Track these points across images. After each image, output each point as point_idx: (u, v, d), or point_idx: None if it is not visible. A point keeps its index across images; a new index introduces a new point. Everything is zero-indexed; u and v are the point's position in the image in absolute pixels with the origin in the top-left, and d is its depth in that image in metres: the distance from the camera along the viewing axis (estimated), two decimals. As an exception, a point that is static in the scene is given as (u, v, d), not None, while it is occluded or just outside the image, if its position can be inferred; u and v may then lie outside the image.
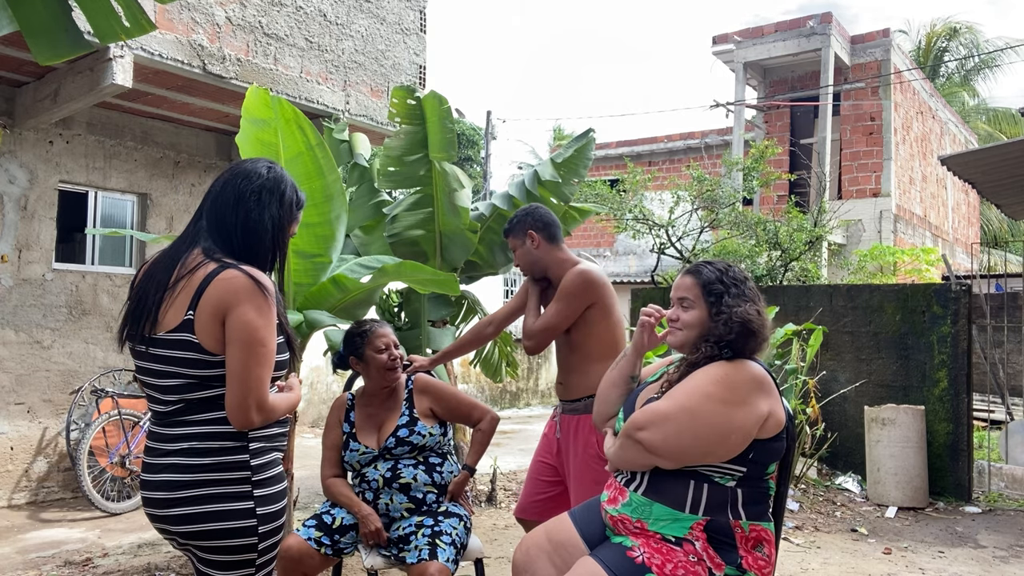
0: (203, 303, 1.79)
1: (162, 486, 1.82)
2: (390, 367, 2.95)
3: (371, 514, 2.83)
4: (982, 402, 8.55)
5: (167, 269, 1.87)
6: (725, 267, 2.20)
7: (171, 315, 1.82)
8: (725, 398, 1.96)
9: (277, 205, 1.93)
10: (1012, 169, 7.01)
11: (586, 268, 2.98)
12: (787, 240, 9.75)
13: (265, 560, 1.90)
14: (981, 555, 4.69)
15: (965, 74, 23.94)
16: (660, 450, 1.97)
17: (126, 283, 6.41)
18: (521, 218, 3.11)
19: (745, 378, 2.01)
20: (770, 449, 2.03)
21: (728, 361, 2.04)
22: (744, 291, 2.13)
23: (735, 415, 1.95)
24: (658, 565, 1.93)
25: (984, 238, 21.19)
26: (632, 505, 2.06)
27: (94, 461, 5.60)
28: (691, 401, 1.97)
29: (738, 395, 1.97)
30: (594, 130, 4.98)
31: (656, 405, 2.02)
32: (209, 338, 1.79)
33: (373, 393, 3.03)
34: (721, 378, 2.00)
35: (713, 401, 1.96)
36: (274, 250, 1.95)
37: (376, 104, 6.55)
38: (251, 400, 1.78)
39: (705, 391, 1.98)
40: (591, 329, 2.96)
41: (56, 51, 2.01)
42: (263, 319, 1.80)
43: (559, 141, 22.90)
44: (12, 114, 5.76)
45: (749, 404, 1.97)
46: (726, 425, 1.95)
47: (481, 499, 5.79)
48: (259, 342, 1.78)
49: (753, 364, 2.06)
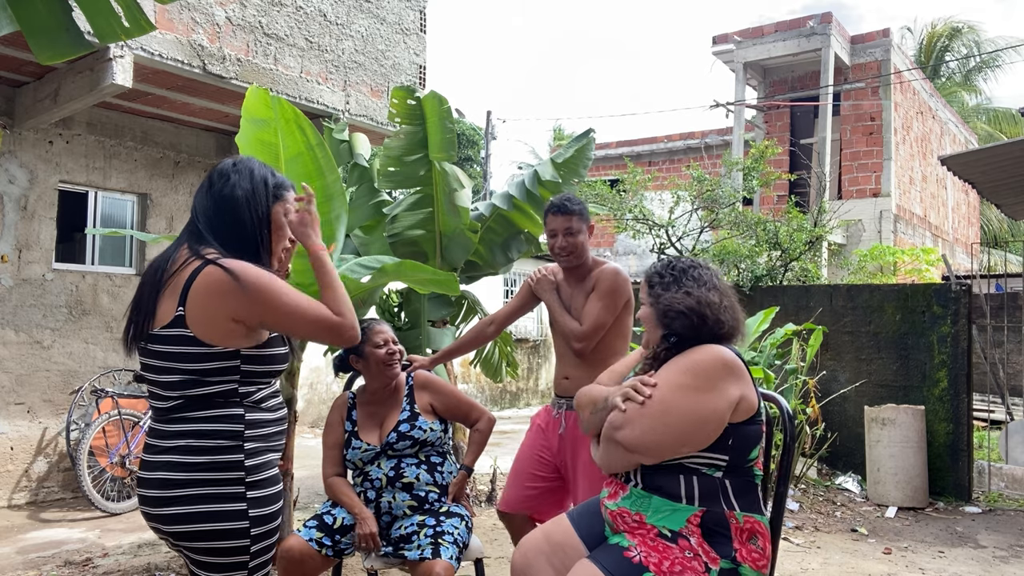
0: (191, 298, 1.80)
1: (156, 484, 1.82)
2: (388, 361, 2.96)
3: (369, 518, 2.82)
4: (982, 402, 8.56)
5: (159, 268, 1.90)
6: (672, 262, 2.24)
7: (164, 311, 1.84)
8: (696, 386, 1.98)
9: (248, 180, 1.94)
10: (1012, 169, 7.01)
11: (619, 267, 3.12)
12: (787, 240, 9.74)
13: (259, 563, 1.89)
14: (981, 555, 4.69)
15: (966, 74, 23.94)
16: (638, 447, 1.99)
17: (126, 283, 6.41)
18: (584, 205, 3.13)
19: (713, 363, 2.01)
20: (747, 433, 2.04)
21: (692, 348, 2.06)
22: (682, 280, 2.15)
23: (707, 401, 1.97)
24: (655, 563, 1.93)
25: (984, 238, 21.19)
26: (632, 498, 2.07)
27: (94, 461, 5.60)
28: (660, 393, 1.99)
29: (708, 381, 1.98)
30: (594, 130, 4.98)
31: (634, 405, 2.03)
32: (205, 328, 1.80)
33: (374, 391, 3.04)
34: (688, 367, 2.01)
35: (684, 390, 1.97)
36: (257, 229, 1.94)
37: (376, 104, 6.55)
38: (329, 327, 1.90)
39: (675, 382, 2.00)
40: (615, 326, 3.04)
41: (56, 51, 2.01)
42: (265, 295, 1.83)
43: (559, 141, 22.91)
44: (12, 114, 5.76)
45: (719, 389, 1.98)
46: (699, 412, 1.96)
47: (481, 499, 5.79)
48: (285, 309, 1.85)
49: (720, 348, 2.06)
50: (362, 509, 2.85)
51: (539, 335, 13.65)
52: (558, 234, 3.08)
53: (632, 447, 1.99)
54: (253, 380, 1.88)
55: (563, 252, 3.08)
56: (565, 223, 3.07)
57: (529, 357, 13.43)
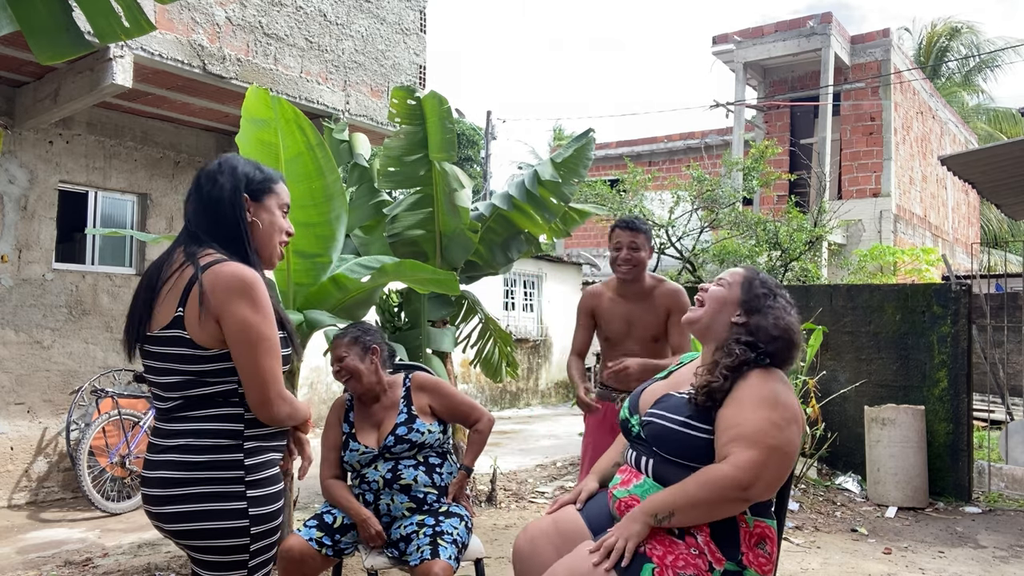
0: (191, 300, 1.81)
1: (158, 483, 1.82)
2: (337, 378, 2.98)
3: (370, 517, 2.82)
4: (982, 402, 8.55)
5: (157, 269, 1.91)
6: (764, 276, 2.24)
7: (163, 313, 1.85)
8: (788, 418, 1.97)
9: (230, 176, 1.94)
10: (1012, 169, 7.01)
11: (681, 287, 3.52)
12: (787, 240, 9.75)
13: (259, 562, 1.89)
14: (981, 555, 4.69)
15: (966, 74, 23.94)
16: (767, 494, 1.98)
17: (126, 283, 6.41)
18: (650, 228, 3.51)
19: (791, 394, 2.03)
20: None
21: (765, 372, 2.04)
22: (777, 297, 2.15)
23: (796, 433, 1.98)
24: (659, 556, 1.93)
25: (984, 238, 21.19)
26: (644, 487, 2.06)
27: (94, 461, 5.60)
28: (771, 438, 1.93)
29: (793, 412, 1.99)
30: (594, 130, 4.98)
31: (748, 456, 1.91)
32: (201, 333, 1.80)
33: None
34: (775, 400, 1.98)
35: (782, 428, 1.95)
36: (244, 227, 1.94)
37: (376, 104, 6.55)
38: (271, 393, 1.82)
39: (773, 420, 1.95)
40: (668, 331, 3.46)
41: (56, 51, 2.01)
42: (258, 314, 1.81)
43: (559, 141, 22.91)
44: (12, 114, 5.76)
45: (799, 418, 2.01)
46: (795, 444, 1.98)
47: (481, 499, 5.79)
48: (261, 337, 1.81)
49: (783, 375, 2.07)
50: (361, 510, 2.84)
51: (539, 335, 13.65)
52: (623, 247, 3.40)
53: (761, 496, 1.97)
54: None
55: (626, 264, 3.40)
56: (632, 238, 3.39)
57: (529, 357, 13.43)
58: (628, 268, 3.40)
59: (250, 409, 1.85)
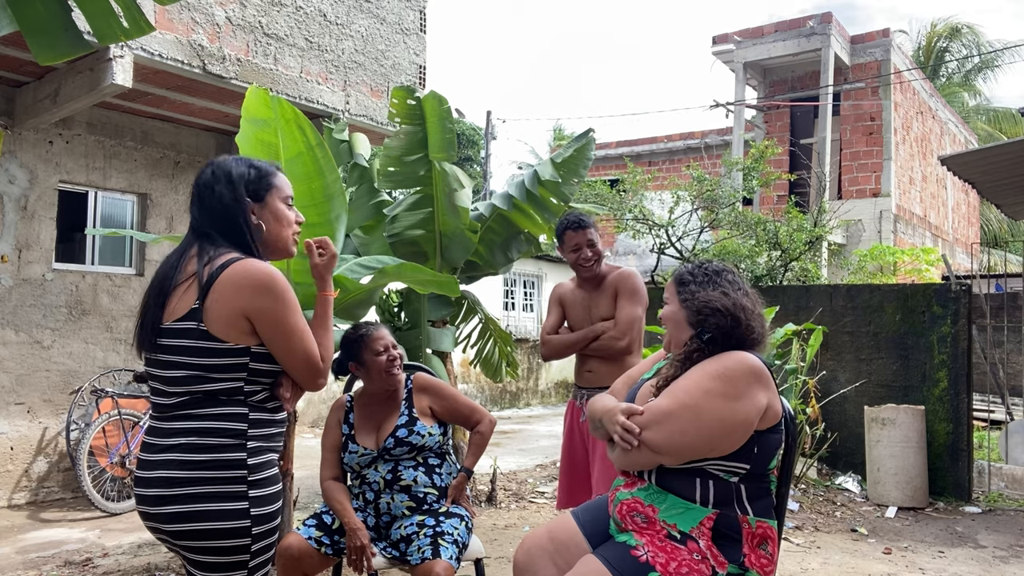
0: (213, 294, 1.82)
1: (157, 483, 1.81)
2: (389, 369, 2.94)
3: (359, 529, 2.75)
4: (982, 402, 8.55)
5: (171, 267, 1.92)
6: (704, 263, 2.26)
7: (179, 306, 1.85)
8: (726, 392, 1.96)
9: (227, 185, 1.95)
10: (1012, 169, 7.01)
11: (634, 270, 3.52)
12: (787, 240, 9.75)
13: (259, 562, 1.89)
14: (981, 555, 4.69)
15: (966, 74, 23.94)
16: (664, 448, 1.97)
17: (126, 283, 6.41)
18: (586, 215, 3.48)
19: (743, 370, 2.00)
20: (770, 441, 2.04)
21: (721, 355, 2.05)
22: (718, 281, 2.17)
23: (737, 408, 1.95)
24: (662, 564, 1.92)
25: (984, 238, 21.19)
26: (649, 491, 2.06)
27: (94, 461, 5.60)
28: (692, 398, 1.97)
29: (738, 388, 1.97)
30: (594, 130, 4.98)
31: (658, 404, 2.01)
32: (220, 325, 1.81)
33: (373, 394, 3.02)
34: (719, 372, 2.00)
35: (714, 396, 1.96)
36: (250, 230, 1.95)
37: (376, 104, 6.55)
38: (312, 367, 1.92)
39: (705, 387, 1.98)
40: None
41: (56, 51, 2.01)
42: (286, 306, 1.86)
43: (559, 141, 22.89)
44: (12, 114, 5.76)
45: (749, 396, 1.97)
46: (729, 420, 1.95)
47: (481, 499, 5.79)
48: (291, 328, 1.88)
49: (748, 355, 2.05)
50: (353, 519, 2.78)
51: (539, 335, 13.65)
52: (582, 247, 3.40)
53: (658, 448, 1.97)
54: (258, 379, 1.89)
55: (588, 263, 3.42)
56: (586, 236, 3.40)
57: (529, 357, 13.43)
58: (593, 263, 3.43)
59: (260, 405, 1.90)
